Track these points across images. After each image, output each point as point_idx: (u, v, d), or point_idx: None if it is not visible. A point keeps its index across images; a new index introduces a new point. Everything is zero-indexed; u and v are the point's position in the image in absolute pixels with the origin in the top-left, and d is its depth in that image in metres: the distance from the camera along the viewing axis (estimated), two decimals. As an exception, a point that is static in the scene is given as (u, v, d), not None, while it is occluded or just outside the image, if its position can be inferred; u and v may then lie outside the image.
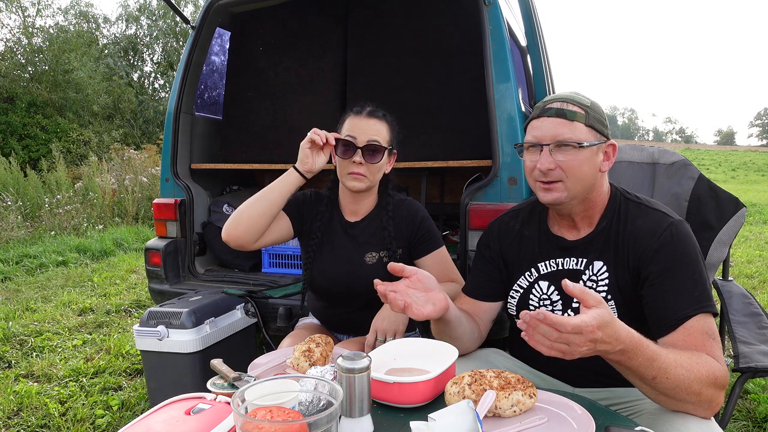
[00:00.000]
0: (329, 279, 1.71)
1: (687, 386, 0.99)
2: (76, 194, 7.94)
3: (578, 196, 1.24)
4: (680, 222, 1.20)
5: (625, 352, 0.96)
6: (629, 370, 1.00)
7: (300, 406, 0.89)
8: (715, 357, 1.05)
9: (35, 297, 4.34)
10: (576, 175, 1.21)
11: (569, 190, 1.22)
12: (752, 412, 2.35)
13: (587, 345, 0.91)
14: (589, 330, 0.90)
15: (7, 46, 13.71)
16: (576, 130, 1.20)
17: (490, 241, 1.45)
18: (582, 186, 1.22)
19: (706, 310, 1.10)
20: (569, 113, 1.21)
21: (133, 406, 2.46)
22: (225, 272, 2.85)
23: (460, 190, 2.37)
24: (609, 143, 1.26)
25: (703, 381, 1.00)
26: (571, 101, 1.23)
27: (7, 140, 12.07)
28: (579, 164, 1.20)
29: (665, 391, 1.00)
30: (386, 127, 1.64)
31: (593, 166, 1.22)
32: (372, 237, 1.70)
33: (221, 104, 3.38)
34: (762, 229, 8.12)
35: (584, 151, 1.20)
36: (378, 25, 3.01)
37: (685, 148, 50.00)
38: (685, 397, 1.00)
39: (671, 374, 0.98)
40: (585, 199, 1.26)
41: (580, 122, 1.21)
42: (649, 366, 0.98)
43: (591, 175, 1.23)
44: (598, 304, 0.93)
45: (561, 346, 0.92)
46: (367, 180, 1.60)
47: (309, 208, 1.74)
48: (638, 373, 0.99)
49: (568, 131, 1.20)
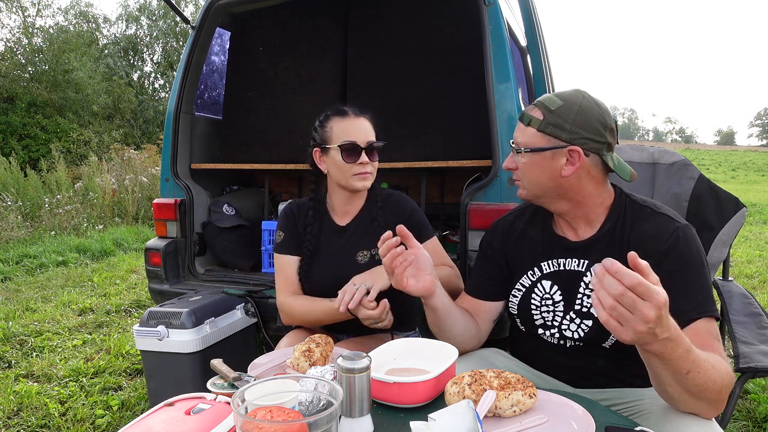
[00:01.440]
0: (323, 286, 1.68)
1: (712, 382, 0.96)
2: (76, 194, 7.94)
3: (542, 196, 1.28)
4: (686, 226, 1.20)
5: (669, 341, 0.88)
6: (668, 362, 0.92)
7: (300, 406, 0.89)
8: (723, 358, 1.05)
9: (35, 297, 4.34)
10: (527, 177, 1.27)
11: (527, 190, 1.29)
12: (752, 412, 2.35)
13: (652, 321, 0.82)
14: (659, 301, 0.81)
15: (7, 46, 13.73)
16: (526, 134, 1.24)
17: (494, 240, 1.45)
18: (538, 188, 1.26)
19: (709, 315, 1.10)
20: (526, 118, 1.25)
21: (133, 406, 2.46)
22: (225, 272, 2.85)
23: (460, 190, 2.38)
24: (569, 148, 1.21)
25: (724, 378, 0.98)
26: (540, 105, 1.24)
27: (7, 140, 12.07)
28: (528, 168, 1.25)
29: (692, 388, 0.96)
30: (371, 124, 1.67)
31: (546, 170, 1.23)
32: (363, 235, 1.70)
33: (221, 104, 3.38)
34: (762, 229, 8.12)
35: (532, 155, 1.24)
36: (378, 25, 3.01)
37: (685, 148, 50.01)
38: (707, 395, 0.98)
39: (702, 368, 0.94)
40: (570, 201, 1.26)
41: (533, 127, 1.23)
42: (686, 359, 0.92)
43: (546, 179, 1.24)
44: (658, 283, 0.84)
45: (623, 312, 0.82)
46: (372, 177, 1.64)
47: (296, 222, 1.74)
48: (675, 367, 0.92)
49: (520, 135, 1.26)
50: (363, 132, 1.61)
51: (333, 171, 1.64)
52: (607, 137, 1.23)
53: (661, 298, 0.81)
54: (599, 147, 1.22)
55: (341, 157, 1.59)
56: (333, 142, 1.61)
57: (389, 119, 2.85)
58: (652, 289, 0.81)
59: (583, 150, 1.21)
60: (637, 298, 0.81)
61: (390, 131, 2.66)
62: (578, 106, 1.21)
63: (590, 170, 1.24)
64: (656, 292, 0.81)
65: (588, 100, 1.23)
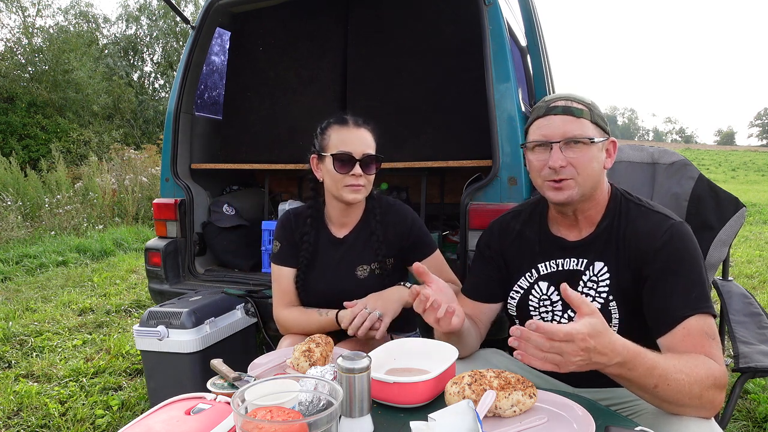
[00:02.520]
0: (321, 298, 1.68)
1: (688, 391, 0.99)
2: (76, 194, 7.94)
3: (587, 193, 1.24)
4: (681, 223, 1.21)
5: (623, 365, 0.96)
6: (630, 381, 1.00)
7: (300, 406, 0.89)
8: (714, 357, 1.05)
9: (35, 297, 4.34)
10: (587, 171, 1.21)
11: (580, 186, 1.22)
12: (752, 412, 2.35)
13: (580, 355, 0.92)
14: (580, 338, 0.91)
15: (7, 46, 13.73)
16: (584, 126, 1.21)
17: (491, 241, 1.45)
18: (591, 182, 1.23)
19: (703, 311, 1.10)
20: (576, 110, 1.22)
21: (133, 406, 2.46)
22: (225, 272, 2.85)
23: (460, 190, 2.37)
24: (610, 140, 1.27)
25: (703, 383, 1.00)
26: (575, 99, 1.24)
27: (7, 140, 12.07)
28: (589, 160, 1.21)
29: (667, 398, 1.00)
30: (372, 136, 1.63)
31: (600, 162, 1.24)
32: (362, 249, 1.68)
33: (221, 104, 3.38)
34: (762, 229, 8.12)
35: (593, 147, 1.21)
36: (378, 25, 3.01)
37: (685, 148, 49.99)
38: (687, 402, 1.00)
39: (672, 380, 0.98)
40: (590, 197, 1.27)
41: (586, 119, 1.22)
42: (649, 375, 0.98)
43: (599, 172, 1.24)
44: (592, 313, 0.93)
45: (554, 356, 0.92)
46: (365, 190, 1.60)
47: (293, 232, 1.72)
48: (640, 384, 0.99)
49: (577, 128, 1.20)
50: (360, 143, 1.58)
51: (327, 180, 1.62)
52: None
53: (580, 334, 0.91)
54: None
55: (333, 166, 1.57)
56: (329, 150, 1.59)
57: (389, 119, 2.85)
58: (571, 332, 0.90)
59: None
60: (560, 343, 0.91)
61: (390, 131, 2.66)
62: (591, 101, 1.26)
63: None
64: (576, 332, 0.91)
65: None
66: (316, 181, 1.68)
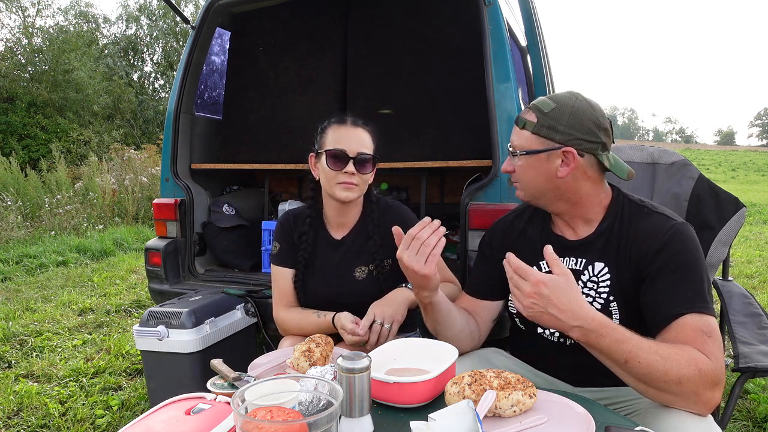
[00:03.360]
0: (321, 299, 1.69)
1: (663, 373, 1.01)
2: (76, 194, 7.94)
3: (540, 197, 1.30)
4: (683, 224, 1.21)
5: (588, 332, 1.04)
6: (599, 352, 1.06)
7: (300, 406, 0.89)
8: (707, 353, 1.04)
9: (35, 297, 4.34)
10: (523, 179, 1.29)
11: (525, 191, 1.31)
12: (752, 412, 2.35)
13: (533, 297, 1.03)
14: (534, 281, 1.03)
15: (7, 46, 13.73)
16: (522, 137, 1.27)
17: (493, 240, 1.46)
18: (536, 190, 1.28)
19: (700, 311, 1.09)
20: (521, 121, 1.28)
21: (133, 406, 2.46)
22: (225, 272, 2.85)
23: (460, 190, 2.38)
24: (564, 149, 1.23)
25: (682, 370, 1.00)
26: (534, 108, 1.26)
27: (7, 140, 12.07)
28: (524, 170, 1.28)
29: (639, 377, 1.04)
30: (370, 137, 1.63)
31: (542, 172, 1.25)
32: (360, 251, 1.68)
33: (221, 104, 3.38)
34: (762, 229, 8.12)
35: (528, 157, 1.26)
36: (378, 25, 3.01)
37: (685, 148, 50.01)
38: (664, 386, 1.02)
39: (643, 359, 1.02)
40: (567, 201, 1.28)
41: (527, 130, 1.26)
42: (618, 349, 1.03)
43: (543, 180, 1.26)
44: (560, 273, 1.04)
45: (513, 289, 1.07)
46: (358, 189, 1.59)
47: (292, 233, 1.72)
48: (609, 356, 1.05)
49: (515, 139, 1.29)
50: (356, 142, 1.58)
51: (322, 178, 1.62)
52: (602, 137, 1.24)
53: (534, 278, 1.03)
54: (593, 147, 1.23)
55: (327, 163, 1.57)
56: (324, 147, 1.60)
57: (389, 119, 2.85)
58: (528, 270, 1.05)
59: (577, 150, 1.22)
60: (518, 278, 1.06)
61: (390, 131, 2.67)
62: (571, 107, 1.23)
63: (586, 170, 1.25)
64: (532, 273, 1.04)
65: (581, 101, 1.24)
66: (316, 182, 1.68)
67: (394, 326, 1.52)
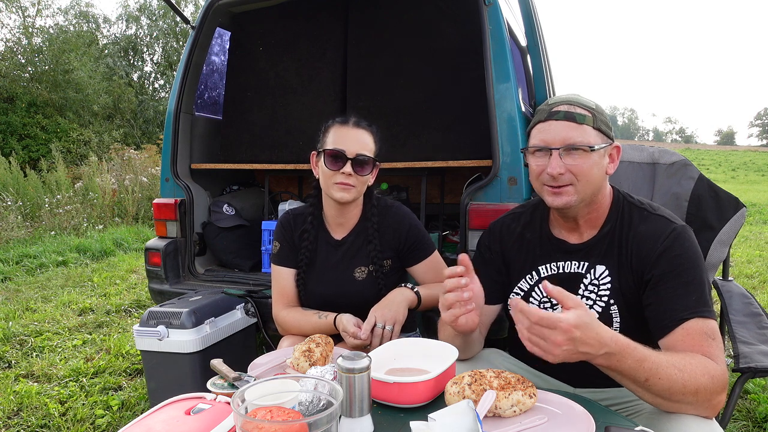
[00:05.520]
0: (320, 299, 1.69)
1: (681, 386, 0.99)
2: (76, 194, 7.94)
3: (586, 199, 1.23)
4: (683, 227, 1.20)
5: (611, 356, 0.97)
6: (621, 374, 1.00)
7: (300, 406, 0.89)
8: (714, 357, 1.04)
9: (35, 297, 4.34)
10: (586, 178, 1.19)
11: (579, 193, 1.21)
12: (752, 412, 2.35)
13: (567, 344, 0.93)
14: (565, 327, 0.92)
15: (7, 46, 13.73)
16: (585, 133, 1.19)
17: (492, 243, 1.44)
18: (591, 189, 1.22)
19: (703, 315, 1.10)
20: (578, 116, 1.19)
21: (133, 406, 2.46)
22: (225, 272, 2.85)
23: (460, 190, 2.38)
24: (614, 145, 1.25)
25: (698, 380, 1.00)
26: (578, 104, 1.22)
27: (7, 140, 12.07)
28: (589, 168, 1.19)
29: (660, 393, 1.00)
30: (372, 138, 1.62)
31: (601, 169, 1.22)
32: (360, 251, 1.69)
33: (221, 104, 3.38)
34: (762, 229, 8.12)
35: (594, 154, 1.19)
36: (378, 25, 3.01)
37: (685, 148, 49.99)
38: (682, 398, 1.00)
39: (663, 374, 0.98)
40: (591, 202, 1.26)
41: (588, 125, 1.20)
42: (639, 368, 0.98)
43: (600, 178, 1.22)
44: (577, 306, 0.95)
45: (537, 340, 0.94)
46: (355, 190, 1.59)
47: (292, 233, 1.72)
48: (630, 376, 1.00)
49: (578, 135, 1.19)
50: (355, 143, 1.57)
51: (320, 177, 1.63)
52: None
53: (565, 324, 0.92)
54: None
55: (325, 162, 1.57)
56: (324, 146, 1.60)
57: (389, 119, 2.85)
58: (554, 319, 0.92)
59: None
60: (543, 328, 0.93)
61: (390, 131, 2.67)
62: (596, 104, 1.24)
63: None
64: (559, 320, 0.92)
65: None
66: (318, 182, 1.68)
67: (396, 327, 1.52)
